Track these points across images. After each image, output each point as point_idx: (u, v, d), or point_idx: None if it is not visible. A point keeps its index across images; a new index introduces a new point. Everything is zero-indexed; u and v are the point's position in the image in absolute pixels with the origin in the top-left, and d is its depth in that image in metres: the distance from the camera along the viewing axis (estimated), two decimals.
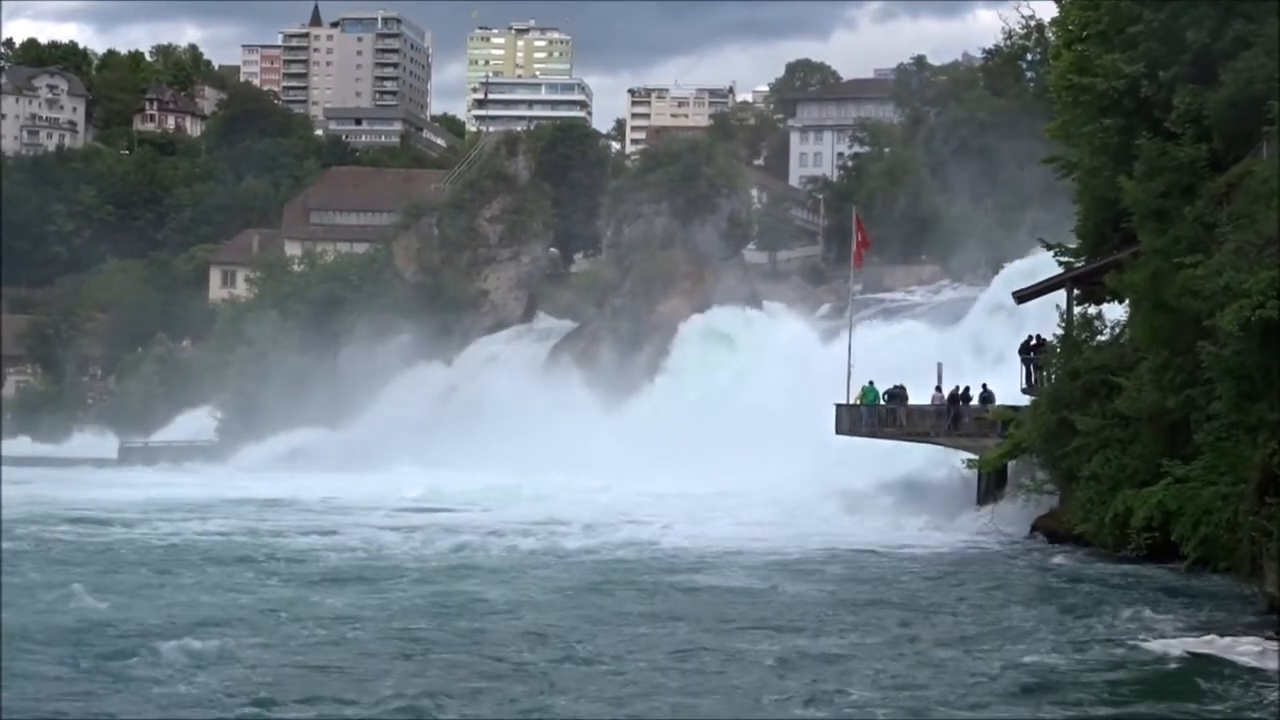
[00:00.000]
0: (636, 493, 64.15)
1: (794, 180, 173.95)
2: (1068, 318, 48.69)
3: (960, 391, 55.27)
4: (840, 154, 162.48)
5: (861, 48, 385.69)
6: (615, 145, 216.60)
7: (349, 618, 29.69)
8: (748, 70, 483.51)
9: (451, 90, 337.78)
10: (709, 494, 60.69)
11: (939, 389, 56.42)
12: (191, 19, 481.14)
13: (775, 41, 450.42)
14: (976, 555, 43.06)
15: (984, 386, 55.27)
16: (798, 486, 57.38)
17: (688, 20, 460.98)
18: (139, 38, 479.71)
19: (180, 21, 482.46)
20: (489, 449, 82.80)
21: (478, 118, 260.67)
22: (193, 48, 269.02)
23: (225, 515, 56.32)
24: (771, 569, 38.91)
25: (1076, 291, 49.92)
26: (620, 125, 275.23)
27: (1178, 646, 26.76)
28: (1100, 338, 47.38)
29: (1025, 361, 52.01)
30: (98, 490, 70.46)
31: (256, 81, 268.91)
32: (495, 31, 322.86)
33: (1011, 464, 50.80)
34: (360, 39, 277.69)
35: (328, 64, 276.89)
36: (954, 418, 54.42)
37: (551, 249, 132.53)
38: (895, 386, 58.19)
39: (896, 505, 53.93)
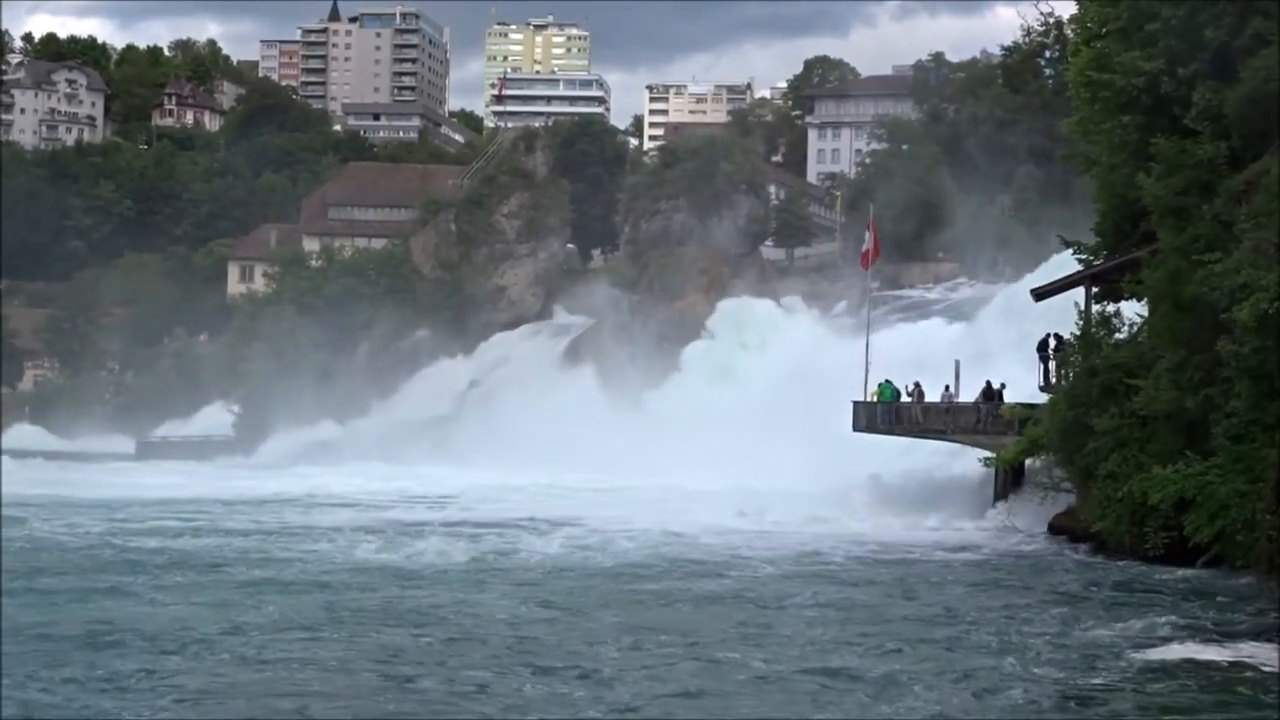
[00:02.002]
0: (652, 489, 63.98)
1: (812, 177, 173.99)
2: (1086, 315, 48.53)
3: (999, 388, 54.94)
4: (858, 151, 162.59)
5: (881, 45, 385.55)
6: (633, 142, 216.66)
7: (319, 625, 28.67)
8: (768, 67, 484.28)
9: (470, 86, 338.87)
10: (725, 491, 60.46)
11: (947, 388, 56.35)
12: (212, 14, 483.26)
13: (795, 38, 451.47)
14: (992, 555, 42.86)
15: (987, 383, 55.18)
16: (815, 484, 57.24)
17: (707, 17, 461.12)
18: (160, 33, 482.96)
19: (200, 17, 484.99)
20: (506, 445, 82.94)
21: (496, 114, 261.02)
22: (211, 43, 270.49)
23: (225, 515, 55.46)
24: (787, 575, 38.15)
25: (1095, 289, 49.78)
26: (638, 121, 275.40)
27: (1194, 648, 26.59)
28: (1118, 335, 47.22)
29: (1043, 359, 51.85)
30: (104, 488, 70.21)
31: (275, 77, 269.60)
32: (513, 27, 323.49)
33: (1029, 462, 50.67)
34: (379, 34, 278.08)
35: (346, 59, 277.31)
36: (979, 414, 54.26)
37: (569, 245, 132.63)
38: (910, 384, 58.09)
39: (913, 503, 53.78)
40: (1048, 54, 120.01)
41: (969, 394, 55.54)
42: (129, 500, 61.21)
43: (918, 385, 57.54)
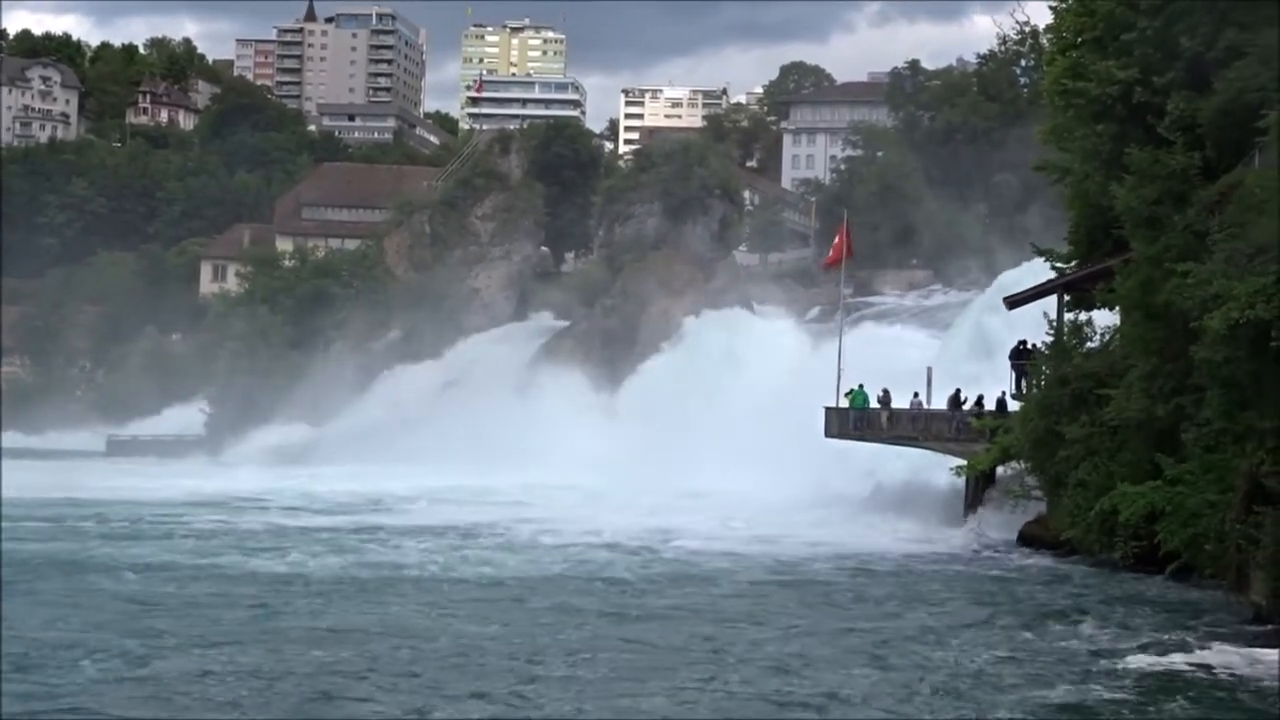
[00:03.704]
0: (620, 494, 63.71)
1: (786, 183, 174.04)
2: (1058, 324, 48.59)
3: (964, 398, 54.88)
4: (833, 157, 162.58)
5: (859, 51, 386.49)
6: (608, 145, 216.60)
7: (228, 642, 27.45)
8: (747, 71, 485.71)
9: (445, 88, 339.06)
10: (696, 496, 60.38)
11: (916, 394, 56.29)
12: (188, 13, 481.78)
13: (775, 44, 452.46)
14: (963, 564, 42.79)
15: (957, 390, 55.12)
16: (787, 490, 57.15)
17: (687, 21, 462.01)
18: (137, 31, 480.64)
19: (177, 15, 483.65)
20: (476, 448, 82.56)
21: (471, 115, 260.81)
22: (187, 41, 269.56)
23: (160, 517, 54.24)
24: (754, 584, 37.68)
25: (1067, 297, 49.84)
26: (613, 125, 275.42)
27: (1164, 658, 26.63)
28: (1090, 344, 47.27)
29: (1015, 367, 51.85)
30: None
31: (250, 76, 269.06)
32: (490, 29, 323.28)
33: (1000, 470, 50.64)
34: (355, 35, 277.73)
35: (322, 59, 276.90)
36: (951, 422, 54.22)
37: (542, 248, 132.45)
38: (880, 391, 58.04)
39: (884, 511, 53.73)
40: (1023, 62, 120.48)
41: (940, 401, 55.53)
42: (58, 500, 59.50)
43: (886, 392, 57.46)
